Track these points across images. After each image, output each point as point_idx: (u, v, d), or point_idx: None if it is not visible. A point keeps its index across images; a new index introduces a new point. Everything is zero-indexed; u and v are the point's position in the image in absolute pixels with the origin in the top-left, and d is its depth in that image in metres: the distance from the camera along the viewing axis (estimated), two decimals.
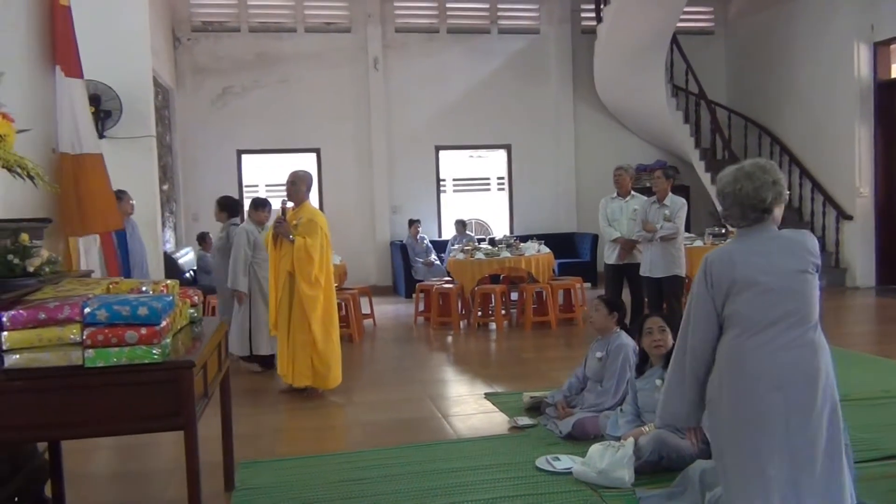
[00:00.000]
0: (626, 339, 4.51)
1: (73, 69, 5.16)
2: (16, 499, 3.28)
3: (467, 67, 11.83)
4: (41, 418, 2.57)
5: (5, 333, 2.52)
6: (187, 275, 9.04)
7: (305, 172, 5.79)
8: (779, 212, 2.64)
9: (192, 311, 3.47)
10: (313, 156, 11.50)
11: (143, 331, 2.59)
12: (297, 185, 5.65)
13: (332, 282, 5.71)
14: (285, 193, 5.74)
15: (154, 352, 2.61)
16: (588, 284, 10.15)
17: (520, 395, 5.19)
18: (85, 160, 5.06)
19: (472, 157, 12.70)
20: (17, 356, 2.53)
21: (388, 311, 9.72)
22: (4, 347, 2.52)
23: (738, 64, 12.44)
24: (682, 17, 10.89)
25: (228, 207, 7.10)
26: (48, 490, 3.64)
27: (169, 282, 3.17)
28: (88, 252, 5.21)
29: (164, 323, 2.66)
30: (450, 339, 7.93)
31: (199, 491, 2.75)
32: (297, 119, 11.25)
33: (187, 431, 2.68)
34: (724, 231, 8.79)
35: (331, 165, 11.49)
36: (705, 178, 11.12)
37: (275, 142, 11.24)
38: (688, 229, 10.99)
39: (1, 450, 3.10)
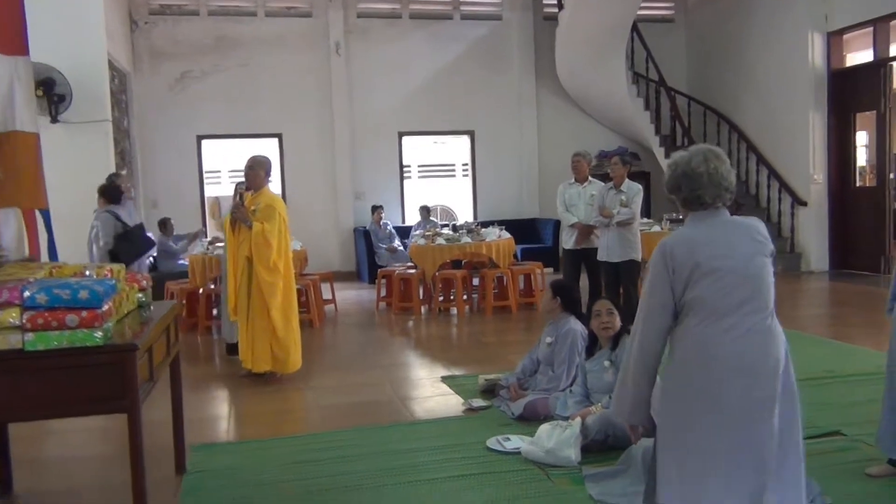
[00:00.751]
0: (575, 325, 4.58)
1: (15, 47, 5.02)
2: None
3: (430, 53, 11.82)
4: None
5: None
6: (148, 260, 8.94)
7: (264, 157, 5.74)
8: None
9: (140, 295, 3.47)
10: (275, 141, 11.42)
11: (84, 314, 2.59)
12: (255, 169, 5.58)
13: (291, 267, 5.68)
14: (243, 178, 5.69)
15: (96, 335, 2.61)
16: (550, 269, 10.24)
17: (476, 378, 5.24)
18: (17, 137, 4.94)
19: (436, 143, 12.72)
20: None
21: (350, 296, 9.72)
22: None
23: (698, 52, 12.60)
24: (643, 4, 10.97)
25: (107, 193, 6.84)
26: None
27: (114, 266, 3.15)
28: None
29: (105, 307, 2.66)
30: (411, 324, 7.96)
31: (143, 473, 2.76)
32: (259, 104, 11.15)
33: (131, 415, 2.68)
34: (682, 217, 8.91)
35: (293, 151, 11.43)
36: (665, 164, 11.24)
37: (236, 127, 11.14)
38: (647, 215, 11.19)
39: None
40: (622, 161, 6.89)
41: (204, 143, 11.26)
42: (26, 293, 2.56)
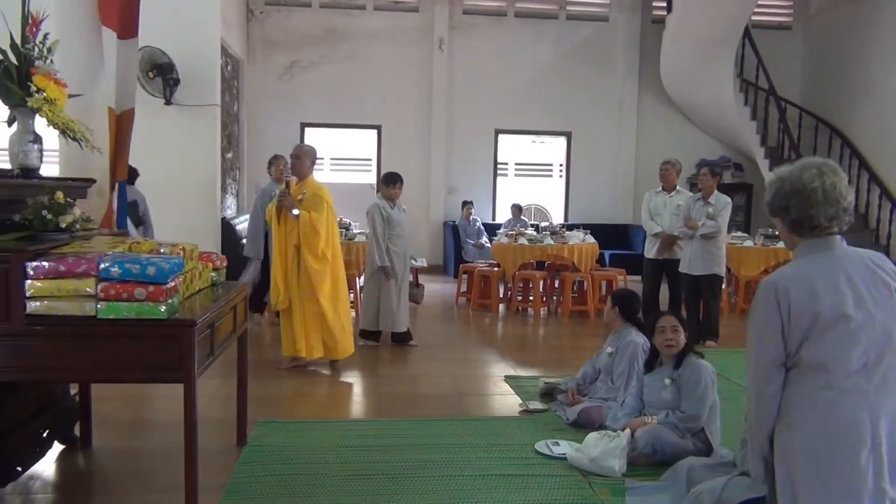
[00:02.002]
0: (637, 337, 4.52)
1: (129, 30, 5.40)
2: (44, 434, 3.59)
3: (533, 52, 11.80)
4: (56, 362, 2.82)
5: (29, 282, 2.77)
6: (244, 241, 9.38)
7: (310, 147, 5.78)
8: None
9: (213, 274, 3.70)
10: (374, 132, 11.72)
11: (151, 288, 2.80)
12: (301, 159, 5.62)
13: (340, 256, 5.71)
14: (289, 167, 5.75)
15: (160, 308, 2.82)
16: (637, 277, 10.04)
17: (537, 380, 5.28)
18: (124, 115, 5.30)
19: (534, 142, 12.68)
20: (38, 303, 2.78)
21: (433, 289, 9.87)
22: (28, 294, 2.77)
23: (815, 61, 12.00)
24: (758, 9, 10.58)
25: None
26: (77, 430, 3.96)
27: (187, 245, 3.37)
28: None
29: (170, 283, 2.87)
30: (487, 321, 8.03)
31: (195, 440, 2.96)
32: (361, 95, 11.47)
33: (186, 385, 2.88)
34: (777, 233, 8.57)
35: (391, 142, 11.69)
36: (769, 177, 10.80)
37: (338, 116, 11.50)
38: (745, 229, 10.80)
39: (28, 389, 3.40)
40: (711, 172, 6.71)
41: (307, 130, 11.67)
42: (102, 265, 2.80)
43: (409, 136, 11.67)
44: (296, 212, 5.39)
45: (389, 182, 6.59)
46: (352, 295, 8.37)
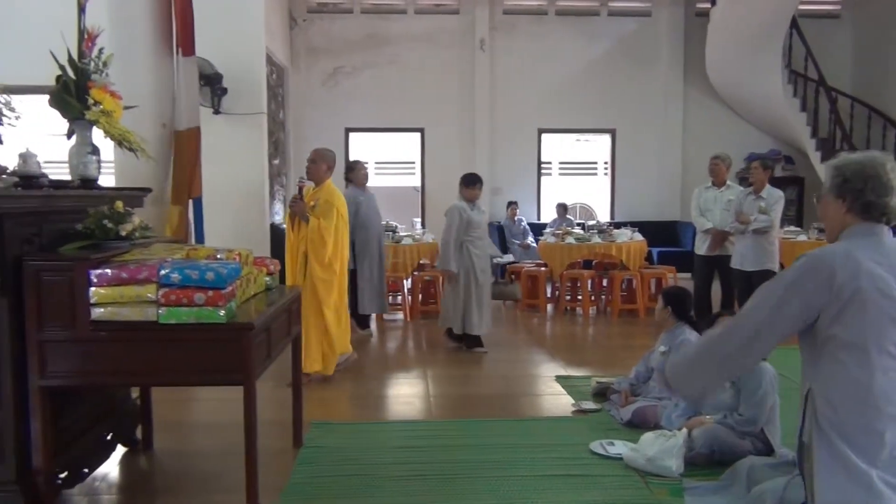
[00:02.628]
0: (690, 335, 4.45)
1: (189, 48, 5.59)
2: (108, 437, 3.68)
3: (574, 50, 11.72)
4: (120, 366, 2.90)
5: (93, 289, 2.85)
6: None
7: (328, 151, 5.55)
8: None
9: (267, 279, 3.76)
10: (417, 135, 11.77)
11: (210, 293, 2.86)
12: (317, 163, 5.38)
13: (346, 267, 5.48)
14: (305, 171, 5.50)
15: (219, 313, 2.87)
16: (686, 275, 9.90)
17: (589, 379, 5.24)
18: (189, 134, 5.47)
19: (578, 140, 12.61)
20: (102, 310, 2.86)
21: None
22: (92, 301, 2.85)
23: (865, 49, 11.67)
24: None
25: None
26: (139, 433, 4.05)
27: (242, 250, 3.43)
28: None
29: (228, 288, 2.92)
30: (535, 321, 8.01)
31: (255, 442, 3.00)
32: (404, 99, 11.53)
33: (246, 387, 2.93)
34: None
35: (434, 145, 11.72)
36: (821, 169, 10.54)
37: (381, 120, 11.58)
38: (798, 223, 10.57)
39: (93, 394, 3.49)
40: (763, 165, 6.57)
41: (351, 135, 11.78)
42: (162, 271, 2.87)
43: (452, 138, 11.69)
44: (307, 218, 5.18)
45: (469, 183, 6.38)
46: (399, 298, 8.44)
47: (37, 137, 5.28)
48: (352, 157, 11.87)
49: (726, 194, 6.87)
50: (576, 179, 12.50)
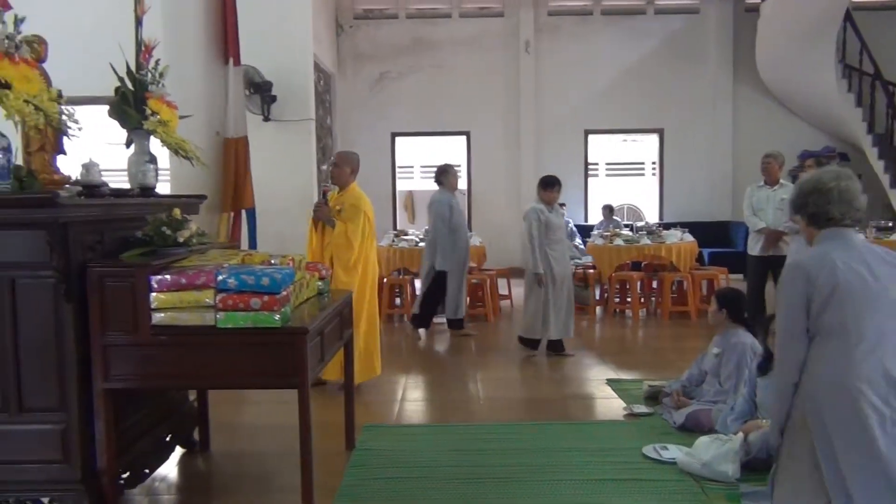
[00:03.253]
0: (744, 337, 4.36)
1: (234, 57, 5.71)
2: (167, 438, 3.77)
3: (620, 49, 11.62)
4: (179, 370, 2.96)
5: (153, 294, 2.92)
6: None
7: (352, 154, 5.50)
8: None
9: (319, 283, 3.80)
10: (463, 138, 11.80)
11: (266, 298, 2.91)
12: (340, 166, 5.26)
13: (375, 272, 5.35)
14: (329, 176, 5.33)
15: (275, 317, 2.92)
16: (741, 275, 9.71)
17: (641, 383, 5.18)
18: (236, 143, 5.58)
19: (625, 140, 12.50)
20: (163, 315, 2.93)
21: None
22: (153, 307, 2.93)
23: None
24: None
25: None
26: (196, 435, 4.14)
27: (296, 256, 3.48)
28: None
29: (283, 292, 2.97)
30: (584, 323, 7.93)
31: (310, 445, 3.04)
32: (449, 103, 11.58)
33: (301, 390, 2.98)
34: (891, 223, 8.13)
35: (480, 148, 11.74)
36: (878, 165, 10.26)
37: (427, 124, 11.65)
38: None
39: (153, 396, 3.58)
40: (818, 163, 6.43)
41: (397, 139, 11.86)
42: (220, 277, 2.93)
43: (497, 140, 11.70)
44: (332, 223, 5.10)
45: (547, 185, 6.30)
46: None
47: (96, 147, 5.45)
48: (397, 160, 11.99)
49: (779, 193, 6.71)
50: (623, 180, 12.39)
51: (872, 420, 2.29)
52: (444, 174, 7.34)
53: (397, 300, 8.65)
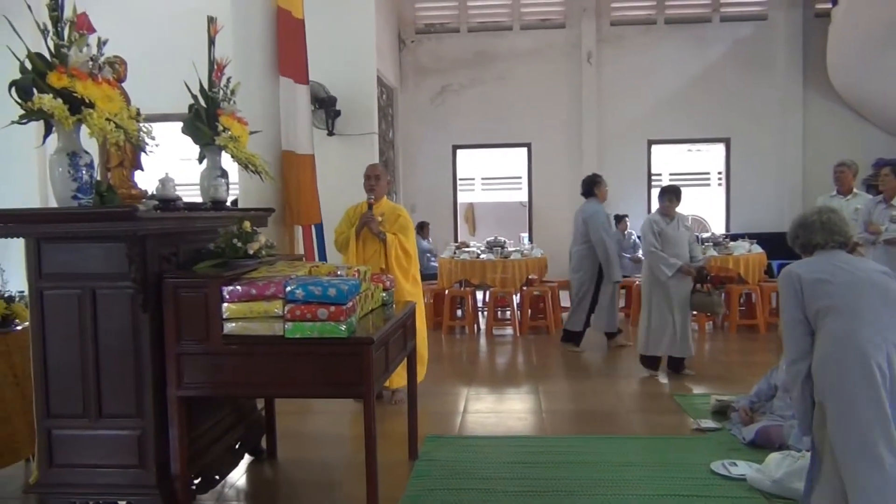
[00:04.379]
0: None
1: (301, 76, 5.84)
2: (237, 446, 3.87)
3: (685, 58, 11.43)
4: (249, 378, 3.05)
5: (225, 305, 3.02)
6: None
7: (386, 167, 5.41)
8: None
9: (384, 294, 3.86)
10: (524, 150, 11.78)
11: (332, 309, 2.97)
12: (381, 179, 5.25)
13: (420, 282, 5.35)
14: (368, 187, 5.24)
15: (341, 328, 2.98)
16: None
17: (708, 397, 5.07)
18: (302, 160, 5.70)
19: (690, 150, 12.27)
20: (234, 324, 3.02)
21: None
22: (225, 316, 3.02)
23: None
24: None
25: None
26: (264, 443, 4.24)
27: (361, 267, 3.54)
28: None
29: (349, 303, 3.02)
30: None
31: (375, 453, 3.09)
32: (510, 114, 11.57)
33: (366, 400, 3.02)
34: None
35: (541, 159, 11.70)
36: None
37: (488, 137, 11.66)
38: None
39: (223, 404, 3.69)
40: (894, 172, 6.18)
41: (458, 152, 11.92)
42: (288, 288, 3.00)
43: (559, 152, 11.64)
44: (383, 234, 5.07)
45: (660, 196, 6.18)
46: (508, 313, 8.45)
47: (170, 162, 5.65)
48: (459, 172, 12.04)
49: (853, 202, 6.50)
50: (687, 191, 12.12)
51: (878, 377, 2.66)
52: (596, 185, 7.28)
53: (458, 311, 8.67)
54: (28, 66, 2.84)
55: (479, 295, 9.04)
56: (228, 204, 4.03)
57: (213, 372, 3.06)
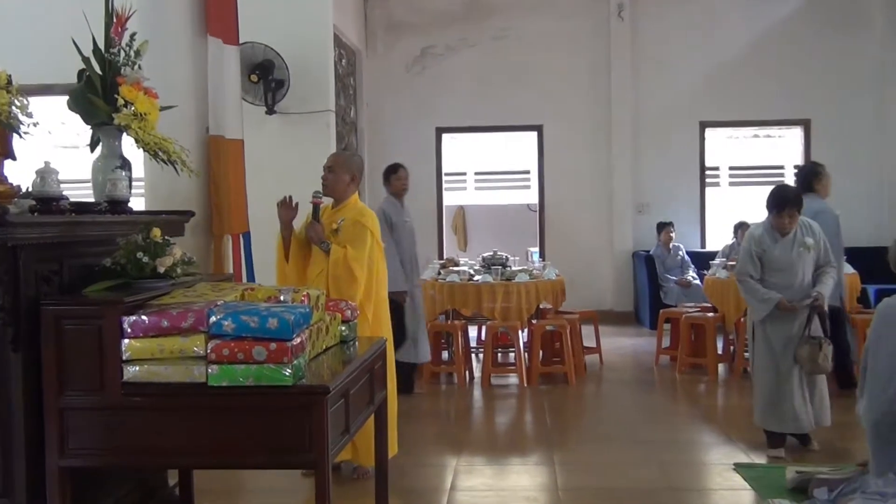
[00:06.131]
0: None
1: (229, 34, 5.85)
2: None
3: (750, 15, 11.58)
4: (159, 442, 3.03)
5: (126, 341, 3.00)
6: None
7: (353, 157, 5.39)
8: None
9: (342, 328, 3.86)
10: (533, 135, 11.86)
11: (273, 346, 2.96)
12: (336, 172, 5.21)
13: (387, 315, 5.31)
14: (320, 183, 5.27)
15: (284, 372, 2.97)
16: None
17: (783, 469, 5.10)
18: (232, 147, 5.71)
19: (757, 136, 12.40)
20: (137, 368, 3.01)
21: (623, 345, 9.79)
22: (125, 357, 3.01)
23: None
24: None
25: None
26: None
27: (312, 290, 3.54)
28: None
29: (297, 339, 3.02)
30: (702, 387, 7.88)
31: None
32: (514, 87, 11.65)
33: (318, 472, 3.01)
34: None
35: (555, 147, 11.78)
36: None
37: (485, 116, 11.74)
38: None
39: (129, 476, 3.67)
40: None
41: (444, 137, 11.97)
42: (212, 318, 3.00)
43: (580, 137, 11.72)
44: (327, 246, 5.01)
45: (779, 202, 5.75)
46: (512, 355, 8.45)
47: (49, 150, 5.63)
48: (444, 165, 12.07)
49: None
50: (754, 190, 12.24)
51: None
52: (816, 177, 7.49)
53: (444, 353, 8.66)
54: None
55: (473, 331, 9.04)
56: (131, 205, 4.02)
57: (108, 434, 3.04)
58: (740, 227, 10.49)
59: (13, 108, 3.08)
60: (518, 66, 11.67)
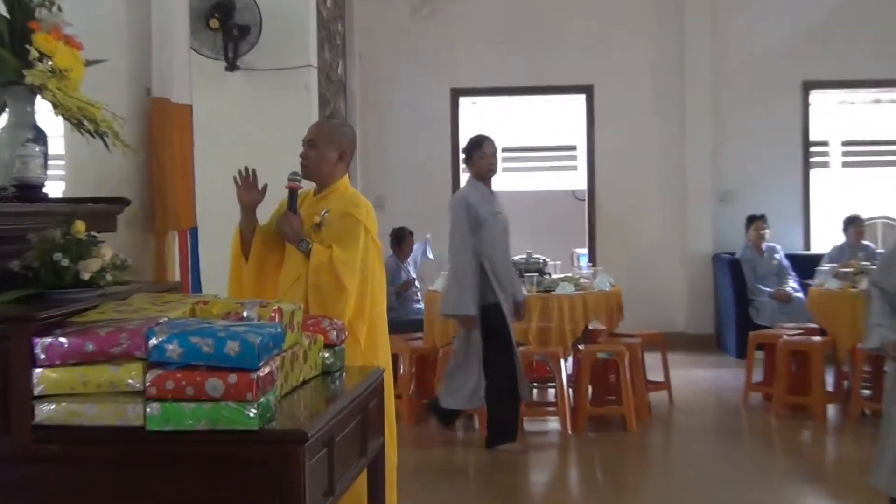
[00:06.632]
0: None
1: None
2: None
3: None
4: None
5: (38, 371, 2.99)
6: None
7: (342, 127, 5.49)
8: None
9: (326, 354, 3.84)
10: (580, 99, 11.86)
11: (233, 379, 2.94)
12: (319, 148, 5.20)
13: (385, 337, 5.27)
14: (298, 163, 5.27)
15: (248, 413, 2.95)
16: None
17: None
18: (175, 113, 5.70)
19: (879, 101, 12.39)
20: (53, 406, 2.99)
21: (700, 378, 9.78)
22: (38, 392, 3.00)
23: None
24: None
25: None
26: None
27: (285, 304, 3.53)
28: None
29: (264, 369, 3.00)
30: (805, 434, 7.88)
31: None
32: (555, 37, 11.64)
33: None
34: None
35: (608, 115, 11.79)
36: None
37: (514, 76, 11.73)
38: None
39: None
40: None
41: (462, 101, 11.96)
42: (153, 341, 2.98)
43: (639, 102, 11.73)
44: (306, 244, 4.96)
45: None
46: (552, 392, 8.43)
47: None
48: (462, 138, 12.06)
49: None
50: (875, 172, 12.24)
51: None
52: None
53: None
54: None
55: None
56: (47, 191, 4.03)
57: (14, 493, 3.04)
58: (851, 224, 10.44)
59: None
60: (560, 8, 11.66)
